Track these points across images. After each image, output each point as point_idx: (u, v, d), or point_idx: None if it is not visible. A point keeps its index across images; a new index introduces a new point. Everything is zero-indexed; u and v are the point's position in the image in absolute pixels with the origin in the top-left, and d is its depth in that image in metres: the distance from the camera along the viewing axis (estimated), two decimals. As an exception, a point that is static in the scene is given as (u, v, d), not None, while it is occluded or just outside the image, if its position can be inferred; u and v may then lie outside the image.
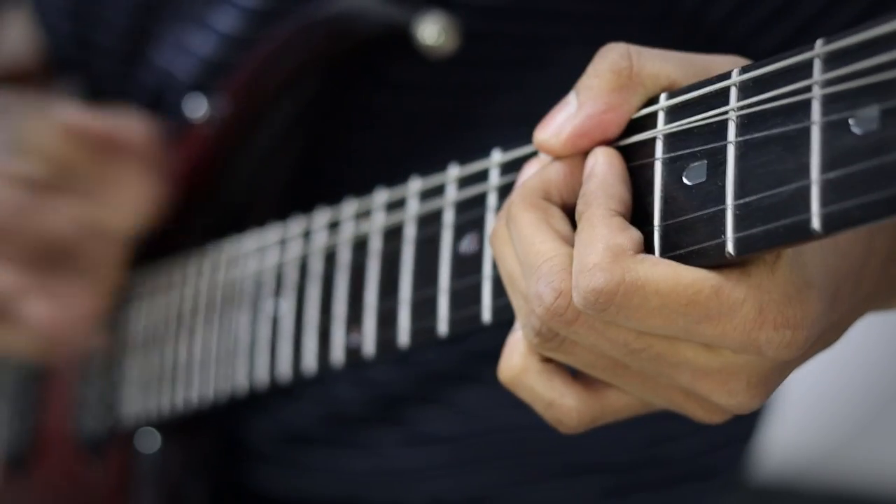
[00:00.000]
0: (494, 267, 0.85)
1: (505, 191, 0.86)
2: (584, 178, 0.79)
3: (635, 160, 0.78)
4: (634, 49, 0.79)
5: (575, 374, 0.82)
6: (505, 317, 0.84)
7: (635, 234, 0.76)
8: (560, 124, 0.80)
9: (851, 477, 2.02)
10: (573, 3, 1.03)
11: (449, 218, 0.89)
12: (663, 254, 0.76)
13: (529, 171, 0.82)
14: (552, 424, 0.83)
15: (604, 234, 0.75)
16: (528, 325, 0.79)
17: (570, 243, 0.78)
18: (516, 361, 0.82)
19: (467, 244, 0.88)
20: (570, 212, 0.80)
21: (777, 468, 1.91)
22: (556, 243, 0.77)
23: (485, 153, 0.87)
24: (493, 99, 1.06)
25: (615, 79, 0.79)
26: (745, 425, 1.23)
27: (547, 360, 0.82)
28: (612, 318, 0.75)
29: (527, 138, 0.83)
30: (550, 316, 0.76)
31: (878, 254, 0.80)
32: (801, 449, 2.03)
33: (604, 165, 0.78)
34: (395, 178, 0.94)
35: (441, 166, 0.90)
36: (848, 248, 0.78)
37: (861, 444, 2.05)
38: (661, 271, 0.74)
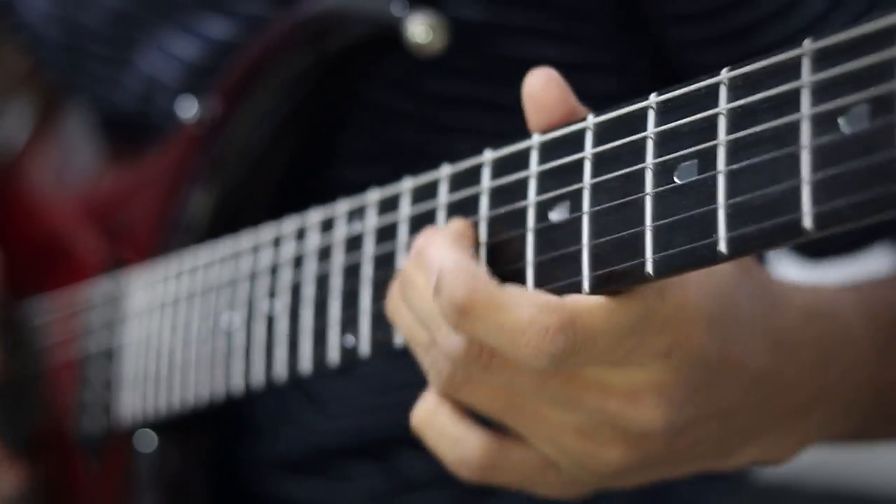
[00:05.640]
0: (488, 266, 0.85)
1: (498, 191, 0.86)
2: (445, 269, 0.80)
3: (627, 158, 0.78)
4: None
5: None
6: None
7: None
8: None
9: (851, 477, 2.02)
10: (563, 23, 1.03)
11: (442, 219, 0.89)
12: (655, 253, 0.76)
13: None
14: (453, 466, 0.87)
15: (526, 301, 0.78)
16: (434, 371, 0.84)
17: None
18: (430, 403, 0.87)
19: None
20: None
21: (777, 467, 1.90)
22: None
23: (475, 153, 0.88)
24: (480, 110, 1.06)
25: None
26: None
27: (457, 404, 0.86)
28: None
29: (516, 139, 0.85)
30: (466, 365, 0.81)
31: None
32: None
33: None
34: (386, 178, 0.94)
35: (431, 165, 0.91)
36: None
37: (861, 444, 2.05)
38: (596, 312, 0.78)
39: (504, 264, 0.84)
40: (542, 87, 0.83)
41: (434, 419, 0.86)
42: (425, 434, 0.87)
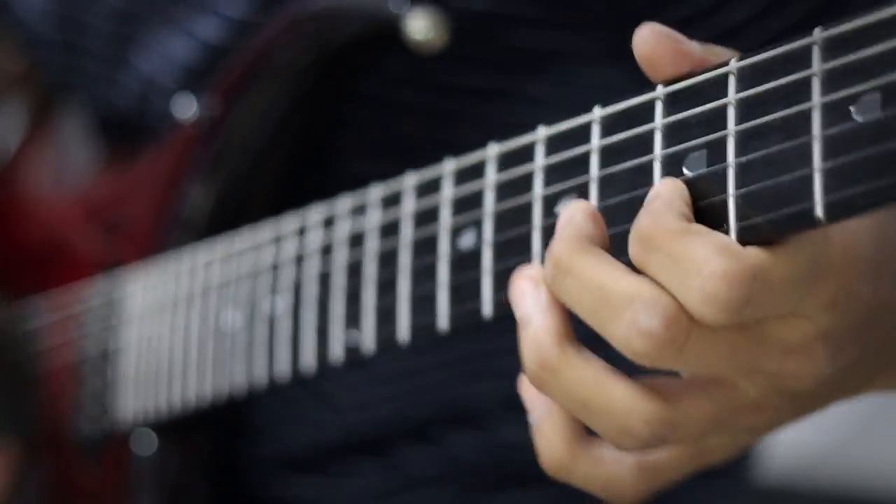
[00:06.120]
0: (494, 261, 0.85)
1: (503, 187, 0.85)
2: (647, 201, 0.75)
3: (634, 150, 0.78)
4: None
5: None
6: (505, 311, 0.84)
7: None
8: None
9: (851, 477, 2.02)
10: (567, 13, 1.03)
11: (446, 214, 0.88)
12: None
13: (564, 218, 0.78)
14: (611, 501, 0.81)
15: (709, 239, 0.72)
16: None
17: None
18: (561, 450, 0.80)
19: (466, 240, 0.87)
20: None
21: (777, 468, 1.90)
22: (633, 276, 0.73)
23: (481, 145, 0.87)
24: (484, 101, 1.06)
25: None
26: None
27: (589, 439, 0.80)
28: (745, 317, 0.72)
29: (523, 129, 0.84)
30: (660, 349, 0.72)
31: None
32: (801, 449, 2.02)
33: (670, 187, 0.75)
34: (388, 172, 0.94)
35: (437, 157, 0.90)
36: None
37: (861, 444, 2.05)
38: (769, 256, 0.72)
39: (511, 259, 0.84)
40: (652, 49, 0.77)
41: (575, 467, 0.80)
42: (569, 482, 0.81)
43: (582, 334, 0.77)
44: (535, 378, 0.77)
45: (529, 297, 0.78)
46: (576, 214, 0.77)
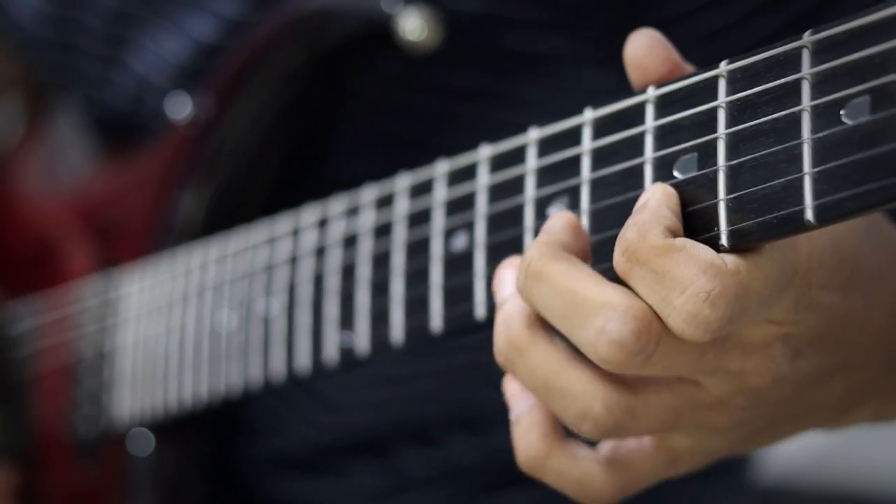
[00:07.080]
0: (487, 263, 0.85)
1: (496, 189, 0.85)
2: (636, 210, 0.75)
3: (626, 152, 0.78)
4: None
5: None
6: None
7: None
8: None
9: (851, 477, 2.01)
10: (558, 15, 1.02)
11: (439, 216, 0.88)
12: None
13: (544, 227, 0.79)
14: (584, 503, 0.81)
15: (693, 256, 0.71)
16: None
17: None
18: (537, 446, 0.80)
19: (458, 242, 0.87)
20: None
21: (777, 468, 1.90)
22: (605, 284, 0.74)
23: (474, 146, 0.87)
24: (477, 102, 1.06)
25: None
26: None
27: (566, 438, 0.80)
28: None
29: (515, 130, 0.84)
30: (628, 357, 0.73)
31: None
32: (801, 449, 2.02)
33: (659, 196, 0.74)
34: (381, 173, 0.94)
35: (430, 158, 0.90)
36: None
37: (861, 444, 2.04)
38: (754, 273, 0.72)
39: (503, 261, 0.84)
40: (647, 51, 0.78)
41: (549, 464, 0.80)
42: (543, 478, 0.81)
43: None
44: (502, 357, 0.78)
45: (508, 282, 0.79)
46: (555, 224, 0.78)
